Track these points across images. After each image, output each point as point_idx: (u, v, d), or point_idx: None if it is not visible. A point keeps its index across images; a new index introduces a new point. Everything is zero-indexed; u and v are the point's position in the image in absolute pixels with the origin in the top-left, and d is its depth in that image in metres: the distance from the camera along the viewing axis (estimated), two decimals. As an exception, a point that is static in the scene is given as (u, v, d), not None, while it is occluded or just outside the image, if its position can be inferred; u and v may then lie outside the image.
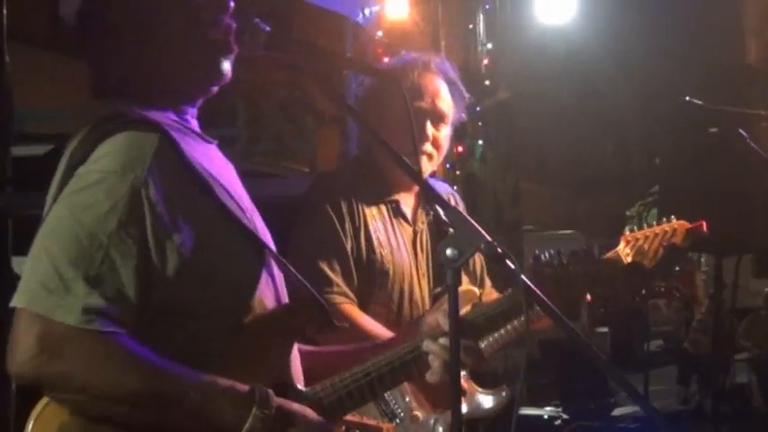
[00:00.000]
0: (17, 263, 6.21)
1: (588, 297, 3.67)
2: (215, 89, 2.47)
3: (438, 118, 3.78)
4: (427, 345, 2.94)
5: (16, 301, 2.14)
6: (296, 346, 2.48)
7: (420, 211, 3.82)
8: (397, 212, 3.76)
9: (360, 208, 3.66)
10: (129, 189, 2.16)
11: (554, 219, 22.58)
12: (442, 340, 2.85)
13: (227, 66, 2.41)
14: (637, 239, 3.69)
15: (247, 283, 2.33)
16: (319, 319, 2.49)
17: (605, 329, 13.31)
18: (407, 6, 10.99)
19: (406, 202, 3.79)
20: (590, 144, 32.91)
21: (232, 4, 2.43)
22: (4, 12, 6.25)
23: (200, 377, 2.20)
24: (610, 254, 3.79)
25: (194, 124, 2.45)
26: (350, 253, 3.62)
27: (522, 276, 2.33)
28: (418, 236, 3.81)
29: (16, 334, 2.13)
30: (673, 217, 3.78)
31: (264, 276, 2.37)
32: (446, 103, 3.79)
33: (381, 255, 3.67)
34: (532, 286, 2.37)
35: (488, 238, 2.32)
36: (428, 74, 3.76)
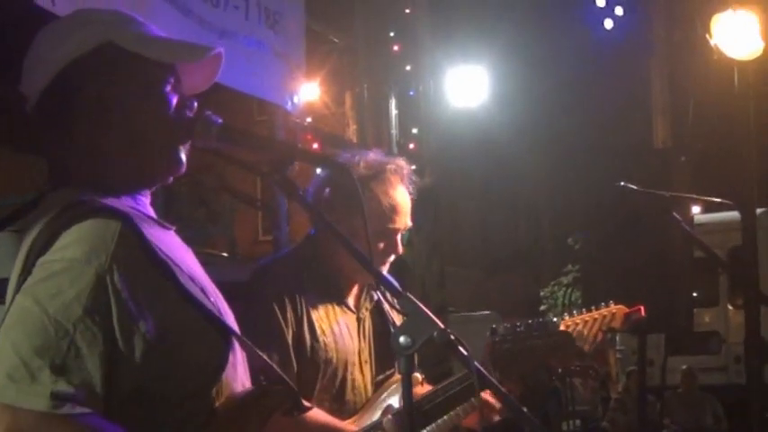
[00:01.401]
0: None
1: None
2: (171, 178, 2.48)
3: (404, 230, 3.82)
4: (386, 424, 2.97)
5: None
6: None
7: (363, 299, 3.81)
8: (340, 301, 3.75)
9: (302, 298, 3.65)
10: (93, 277, 2.14)
11: (471, 300, 22.70)
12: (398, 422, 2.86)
13: (182, 156, 2.42)
14: (576, 324, 3.76)
15: (214, 365, 2.31)
16: (289, 402, 2.49)
17: (524, 409, 13.31)
18: (318, 92, 11.14)
19: (350, 291, 3.78)
20: (501, 224, 33.26)
21: (195, 104, 2.44)
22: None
23: None
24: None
25: (150, 211, 2.45)
26: (290, 343, 3.61)
27: (475, 363, 2.36)
28: (361, 323, 3.80)
29: None
30: (611, 302, 3.84)
31: (231, 359, 2.37)
32: (409, 213, 3.82)
33: (324, 343, 3.66)
34: (484, 371, 2.40)
35: (441, 326, 2.34)
36: (401, 187, 3.74)
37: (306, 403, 2.59)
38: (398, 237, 3.78)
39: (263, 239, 10.96)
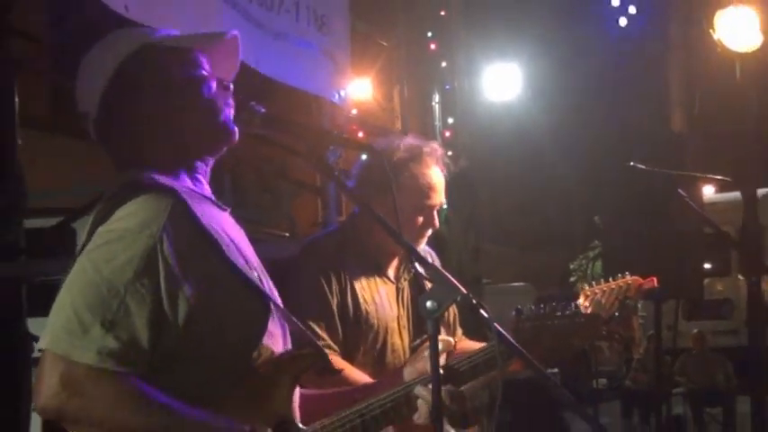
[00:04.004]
0: (32, 323, 6.18)
1: None
2: (224, 148, 2.49)
3: (439, 205, 3.82)
4: (418, 390, 2.94)
5: (41, 344, 2.15)
6: (293, 393, 2.47)
7: (402, 270, 3.81)
8: (380, 272, 3.75)
9: (346, 270, 3.65)
10: (144, 245, 2.17)
11: (507, 273, 22.64)
12: (431, 386, 2.84)
13: (234, 127, 2.45)
14: (595, 293, 3.73)
15: (253, 331, 2.33)
16: (320, 365, 2.49)
17: (556, 370, 13.30)
18: (370, 88, 11.25)
19: (389, 262, 3.77)
20: (537, 207, 33.17)
21: (231, 85, 2.48)
22: (16, 101, 6.27)
23: (203, 417, 2.19)
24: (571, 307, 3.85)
25: (208, 191, 2.47)
26: (335, 311, 3.61)
27: (495, 324, 2.34)
28: (400, 293, 3.80)
29: (41, 373, 2.13)
30: (627, 273, 3.80)
31: (270, 326, 2.37)
32: (443, 191, 3.82)
33: (367, 311, 3.66)
34: (504, 333, 2.37)
35: (464, 291, 2.33)
36: (435, 167, 3.75)
37: (335, 365, 2.60)
38: (435, 212, 3.78)
39: (321, 221, 10.95)
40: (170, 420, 2.14)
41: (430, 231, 3.80)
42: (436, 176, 3.76)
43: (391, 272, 3.79)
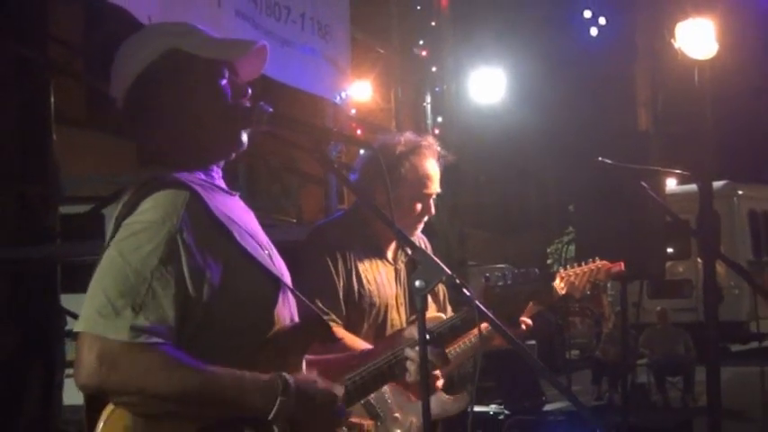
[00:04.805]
0: (65, 299, 6.20)
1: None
2: (234, 155, 2.49)
3: (435, 194, 3.83)
4: (407, 352, 3.02)
5: (77, 327, 2.14)
6: (302, 360, 2.48)
7: (400, 252, 3.82)
8: (380, 255, 3.76)
9: (350, 253, 3.66)
10: (167, 235, 2.18)
11: (491, 256, 22.67)
12: (418, 348, 2.86)
13: (245, 137, 2.45)
14: (569, 276, 3.81)
15: (266, 305, 2.34)
16: (324, 334, 2.51)
17: (533, 342, 13.34)
18: (370, 91, 11.29)
19: (388, 246, 3.78)
20: (517, 197, 33.22)
21: (250, 91, 2.46)
22: (52, 100, 6.28)
23: (233, 373, 2.19)
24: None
25: (220, 181, 2.47)
26: (340, 290, 3.61)
27: (476, 301, 2.36)
28: (398, 273, 3.81)
29: (80, 354, 2.12)
30: (597, 258, 3.86)
31: (280, 301, 2.39)
32: (438, 181, 3.83)
33: (369, 290, 3.67)
34: (483, 308, 2.39)
35: (449, 272, 2.34)
36: (432, 159, 3.75)
37: (337, 335, 2.62)
38: (431, 200, 3.79)
39: (323, 209, 10.98)
40: (204, 379, 2.14)
41: (427, 218, 3.81)
42: (433, 168, 3.76)
43: (390, 254, 3.80)
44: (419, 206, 3.72)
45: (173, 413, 2.16)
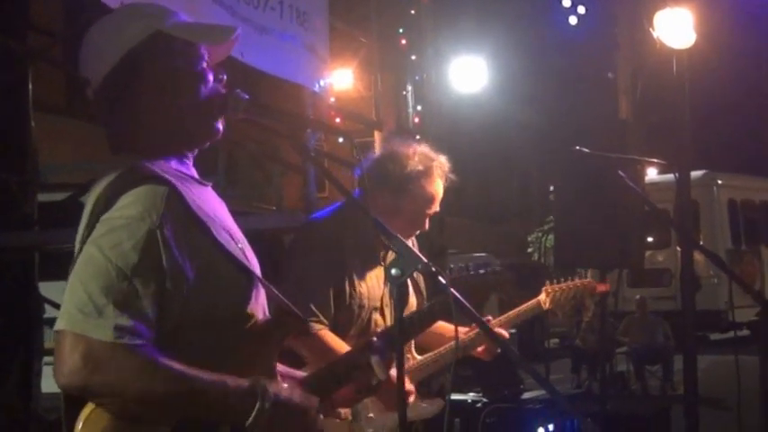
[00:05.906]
0: (43, 287, 6.17)
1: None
2: (209, 143, 2.48)
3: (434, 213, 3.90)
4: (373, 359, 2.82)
5: (58, 325, 2.10)
6: (277, 354, 2.47)
7: (389, 253, 3.83)
8: (372, 254, 3.76)
9: (341, 253, 3.65)
10: (146, 231, 2.15)
11: (471, 244, 22.69)
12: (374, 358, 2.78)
13: (220, 126, 2.43)
14: (555, 291, 3.93)
15: (242, 301, 2.33)
16: (298, 328, 2.50)
17: (513, 330, 13.41)
18: (352, 79, 11.27)
19: (378, 246, 3.78)
20: (498, 185, 33.28)
21: (225, 77, 2.44)
22: (30, 87, 6.24)
23: (215, 378, 2.17)
24: (532, 301, 4.04)
25: (192, 171, 2.44)
26: (329, 290, 3.61)
27: (451, 289, 2.37)
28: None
29: (61, 352, 2.08)
30: (583, 272, 3.96)
31: (254, 295, 2.37)
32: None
33: (360, 292, 3.66)
34: (457, 295, 2.41)
35: (425, 260, 2.35)
36: (440, 180, 3.80)
37: (312, 329, 2.61)
38: (427, 219, 3.87)
39: (301, 197, 10.97)
40: (187, 384, 2.13)
41: (418, 231, 3.91)
42: (439, 189, 3.83)
43: (379, 255, 3.80)
44: (417, 221, 3.81)
45: (152, 416, 2.15)
